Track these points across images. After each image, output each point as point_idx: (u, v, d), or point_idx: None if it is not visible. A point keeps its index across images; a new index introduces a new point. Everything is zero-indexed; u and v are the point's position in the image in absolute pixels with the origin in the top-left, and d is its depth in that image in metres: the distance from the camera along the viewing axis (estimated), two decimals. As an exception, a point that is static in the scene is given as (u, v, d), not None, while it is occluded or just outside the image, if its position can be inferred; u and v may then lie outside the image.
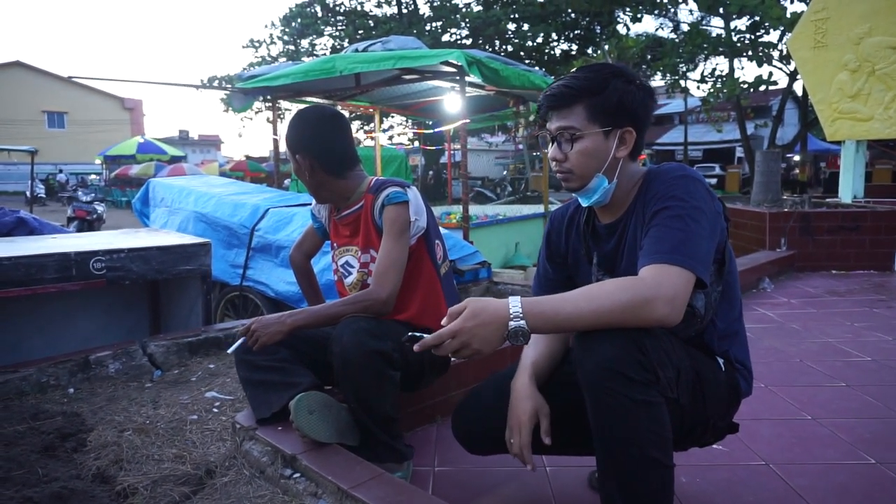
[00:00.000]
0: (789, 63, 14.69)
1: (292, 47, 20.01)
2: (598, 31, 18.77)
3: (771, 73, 13.21)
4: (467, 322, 1.19)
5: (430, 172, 22.63)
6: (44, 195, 24.56)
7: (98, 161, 28.77)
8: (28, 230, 4.21)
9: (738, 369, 1.44)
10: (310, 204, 2.11)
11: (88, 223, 10.14)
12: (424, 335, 1.25)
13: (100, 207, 10.79)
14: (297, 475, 1.59)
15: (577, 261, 1.53)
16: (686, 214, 1.25)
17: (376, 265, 1.79)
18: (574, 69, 1.44)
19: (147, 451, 1.88)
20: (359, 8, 20.38)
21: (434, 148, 17.65)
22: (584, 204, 1.43)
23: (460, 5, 19.57)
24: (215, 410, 2.23)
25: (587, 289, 1.21)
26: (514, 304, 1.19)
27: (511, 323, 1.17)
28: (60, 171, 29.09)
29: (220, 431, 2.03)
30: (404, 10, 20.26)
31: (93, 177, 28.34)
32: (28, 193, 11.73)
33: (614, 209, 1.42)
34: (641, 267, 1.23)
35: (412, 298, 1.85)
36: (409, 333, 1.28)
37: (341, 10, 20.21)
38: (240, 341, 1.75)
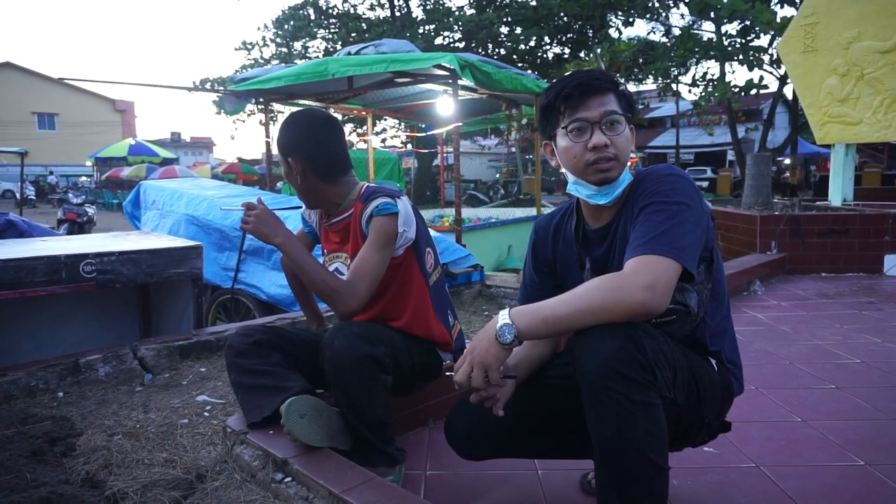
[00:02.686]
0: (779, 67, 14.80)
1: (285, 50, 19.97)
2: (591, 34, 18.86)
3: (761, 77, 13.36)
4: (470, 345, 1.29)
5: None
6: (34, 197, 24.40)
7: (89, 163, 28.61)
8: (17, 233, 4.19)
9: (729, 369, 1.45)
10: (302, 207, 2.10)
11: (79, 225, 10.07)
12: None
13: (90, 210, 10.72)
14: (289, 479, 1.59)
15: (568, 268, 1.53)
16: (669, 209, 1.27)
17: (351, 270, 1.75)
18: (568, 73, 1.46)
19: (137, 456, 1.87)
20: (352, 11, 20.37)
21: (427, 151, 17.65)
22: (603, 202, 1.39)
23: (453, 9, 19.60)
24: (206, 414, 2.22)
25: (574, 289, 1.25)
26: (503, 311, 1.27)
27: (498, 324, 1.24)
28: (51, 173, 28.92)
29: (210, 435, 2.02)
30: (397, 14, 20.27)
31: (83, 179, 28.18)
32: (18, 195, 11.66)
33: (605, 213, 1.43)
34: (625, 261, 1.26)
35: (405, 307, 1.85)
36: (448, 373, 1.39)
37: (334, 13, 20.20)
38: (236, 210, 1.82)
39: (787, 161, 21.57)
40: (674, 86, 16.62)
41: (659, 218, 1.26)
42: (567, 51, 19.97)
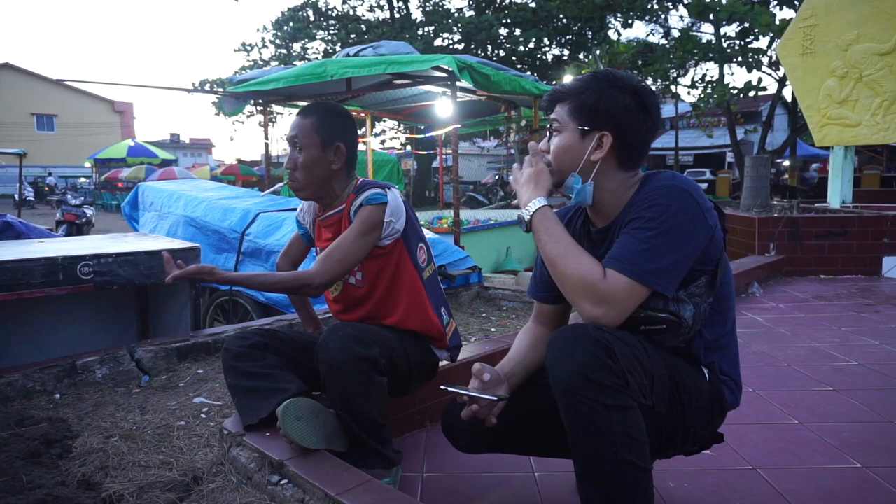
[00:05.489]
0: (778, 69, 14.83)
1: (284, 51, 19.97)
2: (590, 36, 18.86)
3: (760, 79, 13.35)
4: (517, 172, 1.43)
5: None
6: (32, 198, 24.37)
7: (88, 164, 28.61)
8: (15, 234, 4.18)
9: (723, 381, 1.43)
10: (296, 209, 2.10)
11: (77, 227, 10.07)
12: (458, 387, 1.40)
13: (89, 211, 10.72)
14: (285, 482, 1.58)
15: None
16: (655, 225, 1.26)
17: (328, 249, 1.77)
18: (585, 72, 1.50)
19: (133, 458, 1.87)
20: (351, 12, 20.38)
21: (426, 153, 17.65)
22: (570, 203, 1.46)
23: (452, 10, 19.62)
24: (203, 416, 2.22)
25: (579, 248, 1.32)
26: (539, 201, 1.36)
27: (522, 211, 1.38)
28: (50, 174, 28.89)
29: (207, 437, 2.02)
30: (396, 15, 20.29)
31: (82, 180, 28.18)
32: (16, 196, 11.66)
33: (606, 215, 1.43)
34: (603, 262, 1.29)
35: (397, 302, 1.85)
36: (442, 386, 1.43)
37: (333, 15, 20.20)
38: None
39: (786, 163, 21.59)
40: (673, 87, 16.64)
41: (641, 235, 1.27)
42: (566, 52, 19.97)
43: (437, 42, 18.79)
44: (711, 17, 13.47)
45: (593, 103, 1.36)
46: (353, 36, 18.40)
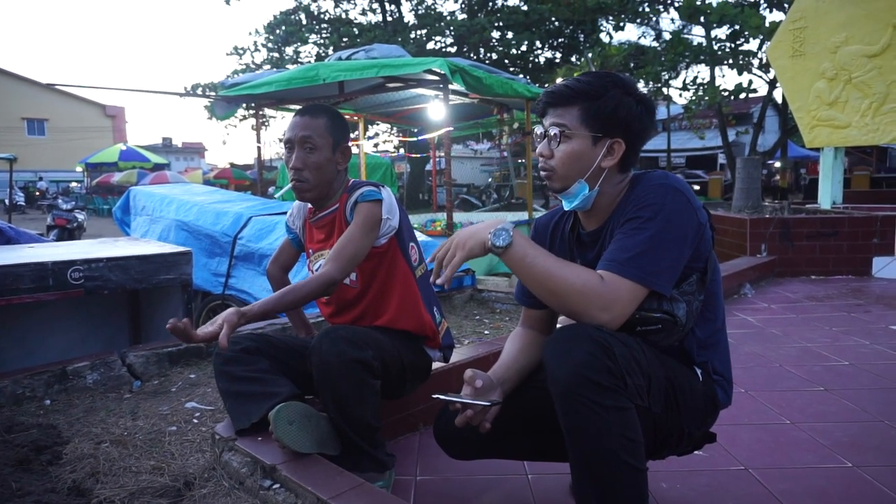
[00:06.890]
0: (769, 71, 14.93)
1: (276, 55, 19.97)
2: (582, 39, 18.95)
3: (751, 81, 13.45)
4: (460, 233, 1.35)
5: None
6: (23, 203, 24.20)
7: (79, 169, 28.45)
8: (5, 239, 4.15)
9: (716, 380, 1.43)
10: (286, 213, 2.10)
11: (69, 232, 10.00)
12: (450, 395, 1.38)
13: (80, 216, 10.65)
14: (277, 486, 1.58)
15: None
16: (652, 226, 1.26)
17: (336, 246, 1.75)
18: (577, 74, 1.47)
19: (124, 464, 1.85)
20: (343, 16, 20.39)
21: (420, 156, 17.66)
22: (566, 207, 1.43)
23: (445, 13, 19.67)
24: (195, 421, 2.21)
25: (567, 263, 1.29)
26: (503, 229, 1.29)
27: (500, 225, 1.29)
28: (41, 179, 28.71)
29: (199, 442, 2.01)
30: (389, 18, 20.32)
31: (74, 184, 28.01)
32: (7, 201, 11.60)
33: (598, 217, 1.42)
34: (599, 267, 1.28)
35: (389, 302, 1.85)
36: (434, 395, 1.42)
37: (326, 18, 20.22)
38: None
39: (778, 164, 21.73)
40: (664, 90, 16.74)
41: (639, 236, 1.26)
42: (558, 55, 20.05)
43: (430, 45, 18.83)
44: (702, 19, 13.55)
45: (611, 111, 1.32)
46: (345, 39, 18.41)
